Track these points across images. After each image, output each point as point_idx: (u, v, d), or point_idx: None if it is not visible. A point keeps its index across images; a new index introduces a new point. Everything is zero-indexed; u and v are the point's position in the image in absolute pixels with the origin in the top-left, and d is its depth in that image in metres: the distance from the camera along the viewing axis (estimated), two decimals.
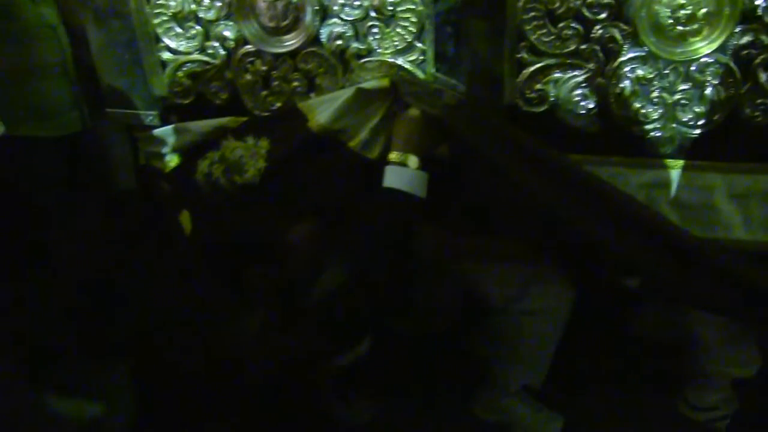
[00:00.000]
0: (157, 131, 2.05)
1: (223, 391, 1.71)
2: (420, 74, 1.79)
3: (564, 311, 2.19)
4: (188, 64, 1.95)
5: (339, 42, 1.81)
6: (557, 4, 1.63)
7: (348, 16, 1.78)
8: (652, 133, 1.73)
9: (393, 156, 1.71)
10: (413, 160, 1.69)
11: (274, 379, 1.67)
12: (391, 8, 1.74)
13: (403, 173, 1.69)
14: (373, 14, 1.76)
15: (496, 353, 2.34)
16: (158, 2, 1.88)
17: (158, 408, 1.81)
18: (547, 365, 2.31)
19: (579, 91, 1.72)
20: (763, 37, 1.57)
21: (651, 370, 2.55)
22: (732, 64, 1.62)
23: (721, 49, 1.61)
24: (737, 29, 1.58)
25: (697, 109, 1.68)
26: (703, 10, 1.57)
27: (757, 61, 1.60)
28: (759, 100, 1.64)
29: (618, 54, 1.66)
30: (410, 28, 1.75)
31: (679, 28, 1.60)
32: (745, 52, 1.60)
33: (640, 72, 1.67)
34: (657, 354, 2.55)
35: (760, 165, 1.72)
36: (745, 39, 1.58)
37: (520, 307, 2.16)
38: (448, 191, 1.84)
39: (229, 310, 1.72)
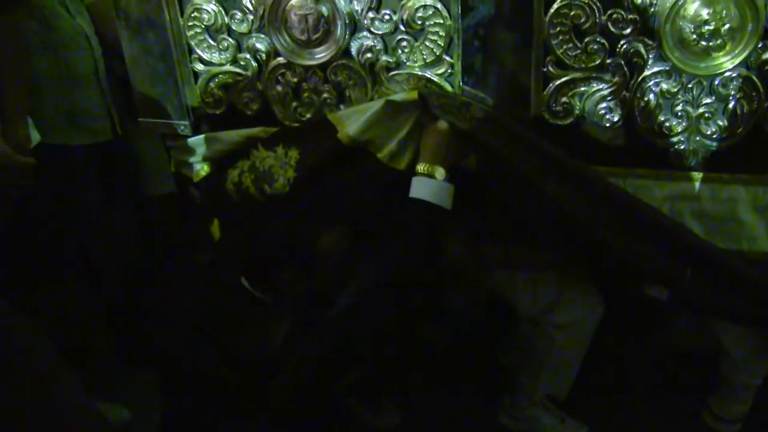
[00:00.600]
0: (188, 140, 2.08)
1: (249, 396, 1.75)
2: (448, 87, 1.82)
3: (592, 324, 2.22)
4: (220, 76, 1.98)
5: (369, 55, 1.84)
6: (583, 19, 1.65)
7: (378, 29, 1.81)
8: (676, 146, 1.75)
9: (420, 167, 1.74)
10: (440, 172, 1.73)
11: (301, 385, 1.70)
12: (420, 22, 1.77)
13: (430, 185, 1.73)
14: (402, 28, 1.79)
15: (524, 363, 2.37)
16: (192, 14, 1.92)
17: (185, 413, 1.84)
18: (573, 376, 2.34)
19: (604, 105, 1.74)
20: None
21: (676, 380, 2.56)
22: (755, 79, 1.64)
23: (744, 63, 1.63)
24: (760, 44, 1.60)
25: (720, 123, 1.70)
26: (726, 26, 1.59)
27: None
28: None
29: (643, 68, 1.68)
30: (439, 42, 1.78)
31: (703, 43, 1.61)
32: None
33: (664, 86, 1.69)
34: (683, 364, 2.57)
35: None
36: None
37: (551, 319, 2.19)
38: (476, 201, 1.86)
39: (258, 317, 1.75)
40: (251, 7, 1.86)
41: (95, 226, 2.62)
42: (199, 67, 1.99)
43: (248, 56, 1.93)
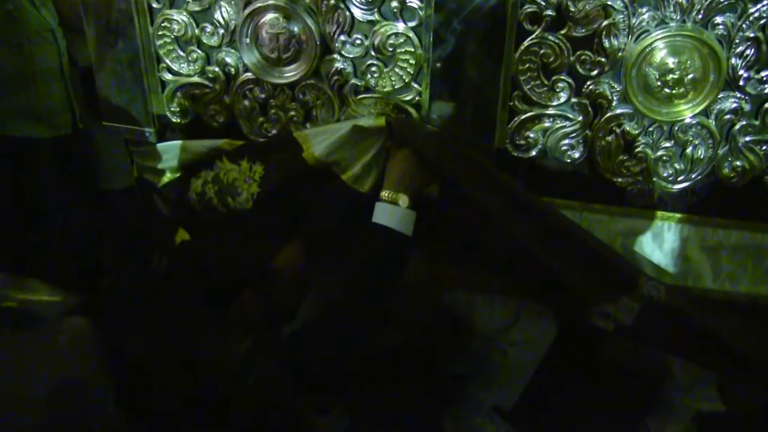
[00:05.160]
0: (152, 147, 2.07)
1: (210, 410, 1.76)
2: (415, 114, 1.84)
3: (546, 342, 2.27)
4: (188, 86, 1.97)
5: (338, 77, 1.85)
6: (552, 58, 1.69)
7: (348, 53, 1.82)
8: (633, 185, 1.81)
9: (384, 194, 1.75)
10: (404, 200, 1.74)
11: (261, 400, 1.71)
12: (390, 49, 1.78)
13: (392, 211, 1.74)
14: (373, 53, 1.80)
15: (475, 375, 2.42)
16: (162, 24, 1.90)
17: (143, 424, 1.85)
18: (521, 390, 2.39)
19: (567, 141, 1.78)
20: (744, 105, 1.66)
21: (616, 397, 2.63)
22: (713, 128, 1.70)
23: (704, 112, 1.69)
24: (720, 95, 1.66)
25: (677, 166, 1.76)
26: (690, 76, 1.64)
27: (737, 126, 1.68)
28: (736, 163, 1.72)
29: (606, 109, 1.73)
30: (408, 70, 1.79)
31: (666, 90, 1.67)
32: (727, 117, 1.68)
33: (626, 127, 1.74)
34: (625, 381, 2.64)
35: (732, 221, 1.81)
36: (727, 105, 1.67)
37: (507, 337, 2.24)
38: (437, 226, 1.89)
39: (218, 331, 1.76)
40: (222, 22, 1.86)
41: (53, 219, 2.59)
42: (167, 76, 1.98)
43: (217, 69, 1.93)
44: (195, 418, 1.77)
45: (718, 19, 1.59)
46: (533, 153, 1.82)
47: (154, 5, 1.89)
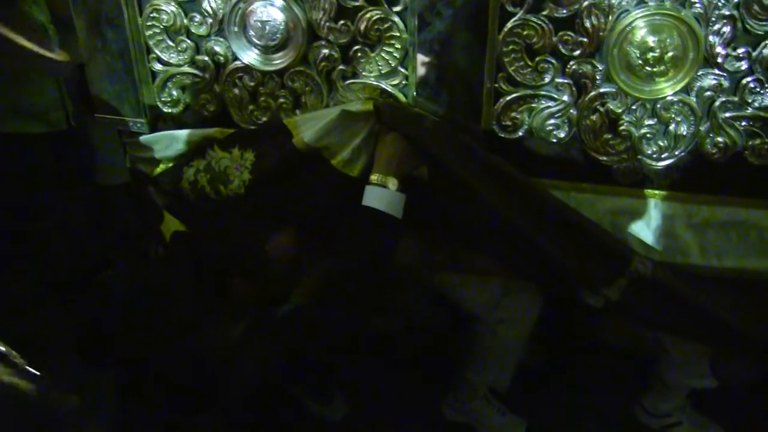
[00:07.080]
0: (144, 138, 2.09)
1: (203, 395, 1.78)
2: (402, 98, 1.86)
3: (531, 318, 2.31)
4: (178, 76, 2.00)
5: (325, 63, 1.87)
6: (535, 39, 1.72)
7: (335, 39, 1.84)
8: (619, 164, 1.83)
9: (374, 177, 1.78)
10: (393, 182, 1.77)
11: (253, 385, 1.73)
12: (377, 34, 1.80)
13: (382, 194, 1.77)
14: (359, 39, 1.82)
15: (469, 358, 2.44)
16: (151, 15, 1.92)
17: (141, 405, 1.87)
18: (514, 367, 2.42)
19: (552, 121, 1.81)
20: (723, 82, 1.68)
21: (612, 377, 2.67)
22: (694, 104, 1.72)
23: (684, 89, 1.71)
24: (700, 72, 1.69)
25: (660, 143, 1.78)
26: (670, 54, 1.66)
27: (717, 103, 1.71)
28: (717, 139, 1.75)
29: (590, 89, 1.76)
30: (395, 54, 1.82)
31: (648, 68, 1.69)
32: (707, 93, 1.70)
33: (610, 106, 1.76)
34: (620, 361, 2.68)
35: (718, 197, 1.84)
36: (707, 82, 1.69)
37: (494, 314, 2.27)
38: (427, 209, 1.91)
39: (211, 317, 1.78)
40: (210, 11, 1.88)
41: (48, 213, 2.62)
42: (157, 66, 2.00)
43: (206, 58, 1.95)
44: (191, 403, 1.80)
45: None
46: (520, 133, 1.85)
47: None
